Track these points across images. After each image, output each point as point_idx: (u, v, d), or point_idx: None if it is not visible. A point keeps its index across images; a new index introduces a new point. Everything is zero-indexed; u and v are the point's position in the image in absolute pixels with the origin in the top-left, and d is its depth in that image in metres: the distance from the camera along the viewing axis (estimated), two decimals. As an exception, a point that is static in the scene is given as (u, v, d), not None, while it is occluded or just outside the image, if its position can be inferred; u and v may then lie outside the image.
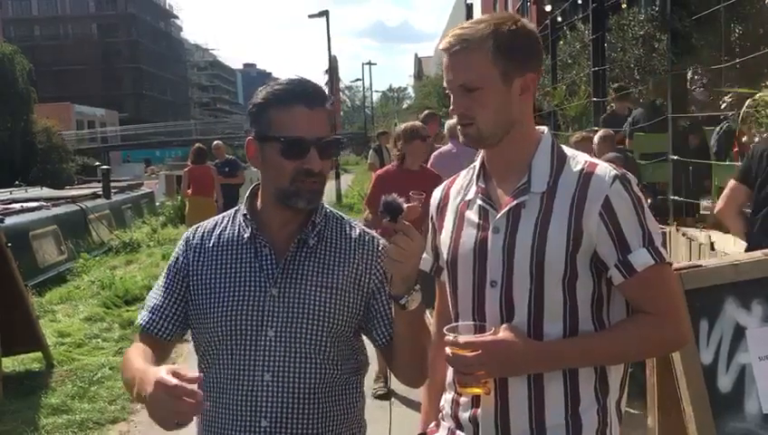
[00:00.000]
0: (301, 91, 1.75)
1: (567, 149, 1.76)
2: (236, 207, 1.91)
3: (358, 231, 1.89)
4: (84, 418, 5.17)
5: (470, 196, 1.80)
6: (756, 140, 5.03)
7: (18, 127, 35.59)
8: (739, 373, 2.33)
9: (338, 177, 24.19)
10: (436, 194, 1.93)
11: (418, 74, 58.93)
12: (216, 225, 1.90)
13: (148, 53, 78.02)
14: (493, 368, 1.62)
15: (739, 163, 6.03)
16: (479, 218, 1.75)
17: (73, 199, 14.03)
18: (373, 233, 1.92)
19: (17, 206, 12.00)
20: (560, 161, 1.71)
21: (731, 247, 4.86)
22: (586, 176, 1.66)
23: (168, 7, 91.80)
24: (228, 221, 1.89)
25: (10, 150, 34.23)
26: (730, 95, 6.03)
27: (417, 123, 5.87)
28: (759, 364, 2.33)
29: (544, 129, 1.79)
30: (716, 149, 7.76)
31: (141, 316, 1.90)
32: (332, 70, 27.33)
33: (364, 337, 1.92)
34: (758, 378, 2.33)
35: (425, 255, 1.89)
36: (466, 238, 1.76)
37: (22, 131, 35.86)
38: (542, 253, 1.64)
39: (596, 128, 8.24)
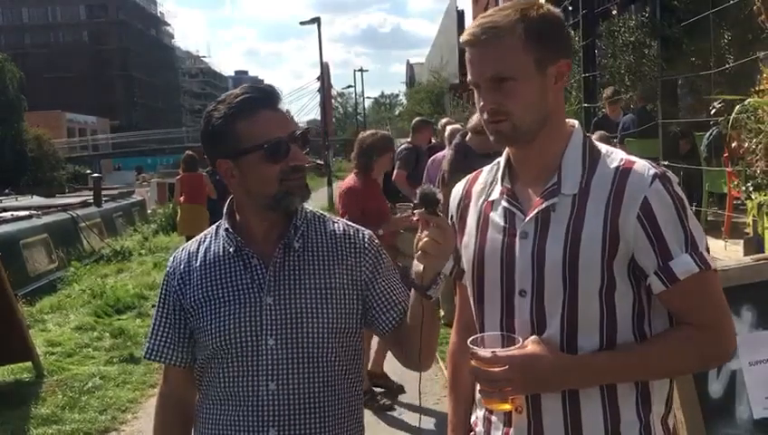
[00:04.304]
0: (260, 97, 1.75)
1: (601, 146, 1.62)
2: (217, 223, 1.91)
3: (342, 226, 1.89)
4: (74, 428, 5.13)
5: (494, 196, 1.66)
6: (746, 145, 5.04)
7: (9, 135, 35.43)
8: (730, 379, 2.33)
9: (330, 184, 24.17)
10: (457, 192, 1.79)
11: (410, 81, 59.04)
12: (199, 244, 1.90)
13: (139, 60, 77.88)
14: (520, 384, 1.50)
15: (729, 168, 6.05)
16: (505, 222, 1.62)
17: (64, 208, 13.99)
18: (357, 226, 1.91)
19: (8, 214, 11.97)
20: (592, 159, 1.57)
21: (721, 253, 4.88)
22: (622, 175, 1.51)
23: (159, 15, 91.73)
24: (211, 238, 1.89)
25: (0, 159, 34.10)
26: (720, 101, 6.06)
27: (387, 133, 5.75)
28: (749, 370, 2.34)
29: (575, 123, 1.66)
30: (707, 155, 7.80)
31: (145, 349, 1.93)
32: (324, 77, 27.35)
33: None
34: (748, 383, 2.33)
35: None
36: (492, 243, 1.63)
37: (12, 139, 35.72)
38: (574, 261, 1.50)
39: (588, 134, 8.25)
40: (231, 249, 1.81)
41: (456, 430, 1.83)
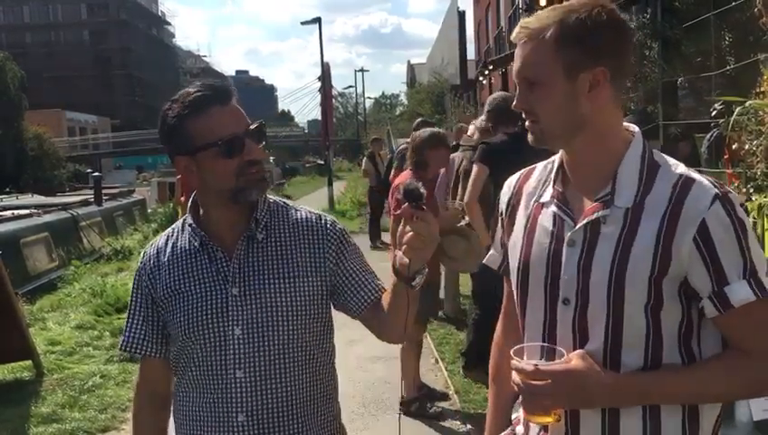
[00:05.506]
0: (211, 94, 1.76)
1: (660, 157, 1.54)
2: (183, 218, 1.93)
3: (304, 214, 1.91)
4: (75, 427, 5.14)
5: (546, 198, 1.62)
6: (747, 147, 5.04)
7: (9, 134, 35.48)
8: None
9: (330, 184, 24.13)
10: (507, 188, 1.76)
11: (411, 81, 59.01)
12: (167, 239, 1.94)
13: (140, 59, 77.81)
14: (562, 399, 1.47)
15: (730, 170, 6.05)
16: (553, 226, 1.58)
17: (65, 207, 13.97)
18: (319, 212, 1.94)
19: (8, 213, 11.96)
20: (650, 172, 1.50)
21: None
22: (680, 193, 1.45)
23: (160, 14, 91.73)
24: (177, 233, 1.92)
25: (1, 158, 34.14)
26: (720, 102, 6.06)
27: (440, 130, 5.67)
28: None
29: (635, 129, 1.58)
30: (707, 156, 7.79)
31: (120, 342, 1.97)
32: (325, 77, 27.32)
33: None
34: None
35: (492, 251, 1.83)
36: (538, 247, 1.59)
37: (13, 138, 35.77)
38: (621, 276, 1.46)
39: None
40: (196, 243, 1.85)
41: (496, 419, 1.84)
